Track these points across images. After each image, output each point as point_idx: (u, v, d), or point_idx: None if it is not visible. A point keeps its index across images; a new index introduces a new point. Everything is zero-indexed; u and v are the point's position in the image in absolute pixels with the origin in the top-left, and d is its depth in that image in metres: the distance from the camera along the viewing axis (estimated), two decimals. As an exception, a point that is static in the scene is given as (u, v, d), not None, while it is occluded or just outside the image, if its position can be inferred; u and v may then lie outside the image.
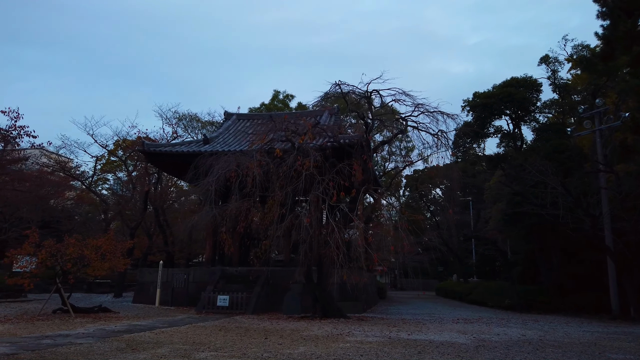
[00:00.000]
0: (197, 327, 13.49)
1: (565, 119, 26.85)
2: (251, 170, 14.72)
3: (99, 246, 15.66)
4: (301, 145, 16.88)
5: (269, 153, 15.68)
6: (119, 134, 34.65)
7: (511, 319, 18.97)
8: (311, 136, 15.94)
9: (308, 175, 14.15)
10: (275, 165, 14.85)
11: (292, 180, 14.37)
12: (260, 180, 14.41)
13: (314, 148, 15.26)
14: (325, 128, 18.98)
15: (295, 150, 15.02)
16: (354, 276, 14.33)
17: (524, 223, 22.63)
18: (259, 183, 14.38)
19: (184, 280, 20.94)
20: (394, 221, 16.41)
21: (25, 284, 14.58)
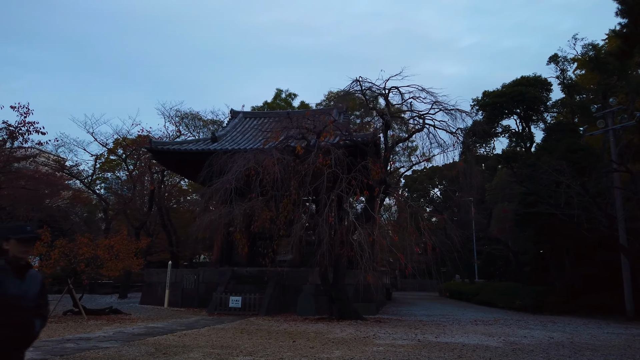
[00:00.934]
0: (217, 329, 13.10)
1: (575, 118, 26.65)
2: (272, 168, 14.32)
3: (111, 246, 15.20)
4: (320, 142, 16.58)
5: (289, 151, 15.31)
6: (119, 132, 34.08)
7: (528, 320, 18.70)
8: (332, 132, 15.57)
9: (330, 173, 13.78)
10: (296, 163, 14.46)
11: (314, 178, 13.99)
12: (281, 178, 14.01)
13: (334, 145, 14.90)
14: (340, 126, 18.65)
15: (315, 148, 14.63)
16: (370, 277, 13.99)
17: (536, 223, 22.39)
18: (280, 181, 13.99)
19: (194, 281, 20.50)
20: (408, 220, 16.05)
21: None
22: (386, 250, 13.61)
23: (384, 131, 16.97)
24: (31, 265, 3.29)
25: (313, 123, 16.58)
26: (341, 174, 13.89)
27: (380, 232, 13.64)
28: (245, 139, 23.57)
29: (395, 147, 17.31)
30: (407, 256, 13.42)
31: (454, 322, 17.26)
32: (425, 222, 14.34)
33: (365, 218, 15.26)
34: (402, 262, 12.81)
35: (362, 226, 13.85)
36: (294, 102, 41.23)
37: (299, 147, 14.62)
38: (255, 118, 27.14)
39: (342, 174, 13.91)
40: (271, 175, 14.11)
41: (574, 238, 23.21)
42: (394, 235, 13.36)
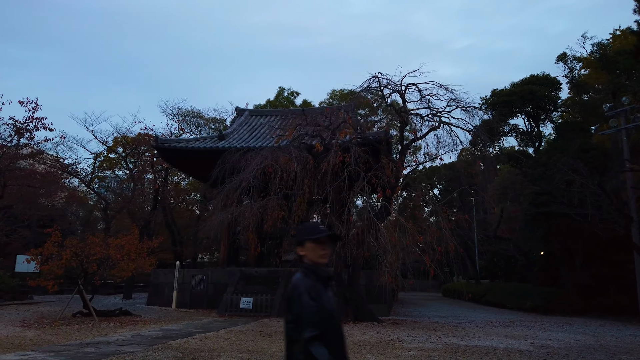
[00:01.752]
0: (235, 332, 12.70)
1: (585, 117, 26.42)
2: (289, 166, 13.94)
3: (122, 246, 14.74)
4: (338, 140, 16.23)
5: (306, 148, 14.94)
6: (119, 130, 33.51)
7: (543, 321, 18.43)
8: (344, 131, 15.20)
9: (352, 171, 13.42)
10: (316, 161, 14.08)
11: (334, 176, 13.62)
12: (301, 176, 13.64)
13: (348, 143, 14.53)
14: (353, 124, 18.30)
15: (333, 146, 14.26)
16: (390, 278, 13.66)
17: (547, 223, 22.15)
18: (300, 179, 13.62)
19: (202, 282, 20.06)
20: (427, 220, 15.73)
21: (49, 286, 13.61)
22: (407, 251, 13.23)
23: (401, 129, 16.64)
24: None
25: (329, 120, 16.20)
26: (362, 172, 13.52)
27: (402, 231, 13.26)
28: (253, 137, 23.16)
29: (411, 144, 16.92)
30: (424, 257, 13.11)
31: (470, 324, 16.96)
32: (446, 222, 13.98)
33: (382, 217, 14.93)
34: (427, 263, 12.46)
35: (378, 226, 13.49)
36: (296, 100, 40.88)
37: (318, 144, 14.23)
38: (262, 116, 26.72)
39: (363, 172, 13.53)
40: (290, 173, 13.73)
41: (585, 238, 23.03)
42: (418, 236, 12.98)
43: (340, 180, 13.54)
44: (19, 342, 9.78)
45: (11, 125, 16.55)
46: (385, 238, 12.63)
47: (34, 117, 16.60)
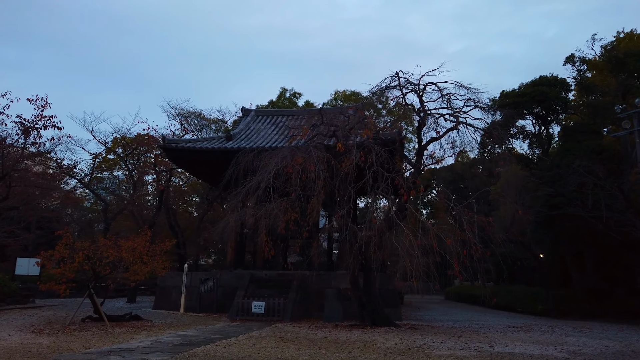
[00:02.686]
0: (255, 338, 12.25)
1: (595, 119, 26.19)
2: (309, 166, 13.53)
3: (133, 248, 14.25)
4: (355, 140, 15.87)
5: (324, 148, 14.54)
6: (119, 130, 32.92)
7: (560, 326, 18.10)
8: (369, 131, 14.81)
9: (375, 172, 13.03)
10: (337, 161, 13.67)
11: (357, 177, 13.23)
12: (323, 177, 13.22)
13: (373, 143, 14.14)
14: (368, 124, 17.91)
15: (354, 146, 13.87)
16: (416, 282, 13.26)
17: (560, 225, 21.88)
18: (323, 180, 13.20)
19: (212, 285, 19.56)
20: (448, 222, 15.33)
21: (60, 290, 13.09)
22: (430, 254, 12.85)
23: (419, 129, 16.26)
24: None
25: (348, 119, 15.81)
26: (386, 173, 13.13)
27: (425, 234, 12.88)
28: (261, 138, 22.74)
29: (428, 145, 16.55)
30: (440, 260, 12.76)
31: (488, 328, 16.61)
32: (469, 224, 13.59)
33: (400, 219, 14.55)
34: (455, 267, 12.08)
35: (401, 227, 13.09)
36: (298, 101, 40.47)
37: (340, 144, 13.82)
38: (269, 116, 26.29)
39: (386, 173, 13.14)
40: (308, 173, 13.31)
41: (596, 241, 22.81)
42: (446, 239, 12.58)
43: (363, 181, 13.13)
44: (37, 350, 9.29)
45: (19, 123, 15.98)
46: (412, 241, 12.20)
47: (42, 115, 16.09)
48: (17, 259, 25.03)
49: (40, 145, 16.87)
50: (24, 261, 25.35)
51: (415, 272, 11.94)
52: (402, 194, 13.25)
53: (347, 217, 14.82)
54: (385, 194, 13.77)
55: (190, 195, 40.93)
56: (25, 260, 25.54)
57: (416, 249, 12.19)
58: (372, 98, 17.55)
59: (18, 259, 25.09)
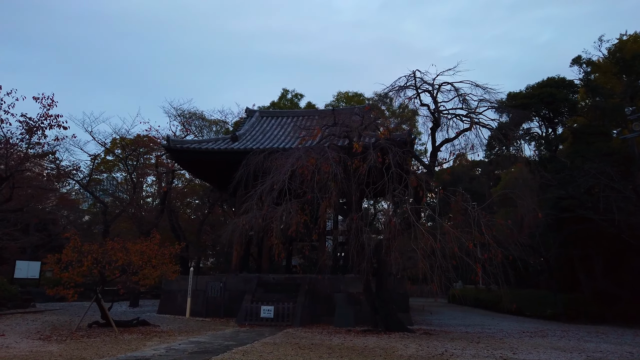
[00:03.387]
0: (270, 344, 11.85)
1: (603, 121, 25.99)
2: (326, 167, 13.17)
3: (142, 251, 13.81)
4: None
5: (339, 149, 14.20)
6: (118, 131, 32.42)
7: (573, 330, 17.82)
8: (386, 131, 14.49)
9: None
10: (353, 162, 13.32)
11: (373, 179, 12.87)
12: (341, 178, 12.86)
13: (390, 143, 13.80)
14: (379, 124, 17.61)
15: (371, 146, 13.52)
16: (435, 286, 12.92)
17: (570, 228, 21.61)
18: (341, 181, 12.84)
19: (219, 289, 19.13)
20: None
21: (69, 295, 12.63)
22: (449, 257, 12.51)
23: (432, 130, 15.92)
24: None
25: (362, 119, 15.47)
26: (404, 174, 12.80)
27: (444, 237, 12.55)
28: (267, 138, 22.37)
29: (442, 146, 16.24)
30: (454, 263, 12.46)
31: (503, 334, 16.28)
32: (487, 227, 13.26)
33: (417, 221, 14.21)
34: (478, 271, 11.75)
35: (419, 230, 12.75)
36: (300, 102, 40.10)
37: (356, 144, 13.47)
38: (273, 117, 25.93)
39: (404, 174, 12.81)
40: (326, 174, 12.96)
41: (605, 244, 22.58)
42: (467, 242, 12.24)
43: (381, 182, 12.78)
44: (48, 358, 8.86)
45: (23, 122, 15.47)
46: (432, 244, 11.87)
47: (48, 114, 15.61)
48: (16, 262, 24.53)
49: (44, 145, 16.44)
50: (24, 264, 24.87)
51: (436, 276, 11.60)
52: (421, 196, 12.92)
53: (359, 220, 14.50)
54: (405, 195, 13.46)
55: (189, 198, 40.46)
56: (25, 263, 25.06)
57: (437, 252, 11.85)
58: (384, 98, 17.19)
59: (17, 262, 24.61)
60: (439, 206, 13.19)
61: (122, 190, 41.96)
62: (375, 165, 12.95)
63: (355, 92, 38.44)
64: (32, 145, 16.03)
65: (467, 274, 12.24)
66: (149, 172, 35.58)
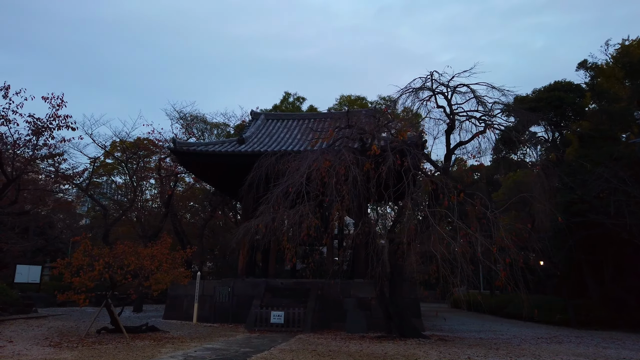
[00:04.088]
0: (287, 351, 11.52)
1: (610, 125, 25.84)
2: (341, 170, 12.90)
3: (153, 255, 13.45)
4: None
5: (361, 152, 13.92)
6: (118, 134, 32.00)
7: (586, 336, 17.58)
8: (405, 134, 14.24)
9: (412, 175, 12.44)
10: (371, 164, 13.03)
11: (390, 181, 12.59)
12: (360, 180, 12.57)
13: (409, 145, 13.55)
14: (391, 127, 17.34)
15: (388, 149, 13.26)
16: (456, 292, 12.67)
17: (580, 233, 21.38)
18: (360, 183, 12.55)
19: (227, 294, 18.76)
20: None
21: (80, 301, 12.23)
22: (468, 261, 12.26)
23: (447, 132, 15.67)
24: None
25: (377, 121, 15.21)
26: (424, 176, 12.55)
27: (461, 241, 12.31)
28: (274, 141, 22.06)
29: (456, 149, 16.01)
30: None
31: (518, 340, 16.02)
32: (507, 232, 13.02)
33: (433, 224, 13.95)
34: (502, 277, 11.51)
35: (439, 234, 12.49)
36: (302, 105, 39.79)
37: (375, 146, 13.20)
38: (279, 120, 25.64)
39: (425, 177, 12.56)
40: (341, 177, 12.67)
41: (615, 249, 22.39)
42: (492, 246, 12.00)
43: (400, 185, 12.51)
44: (65, 367, 8.51)
45: (31, 123, 15.01)
46: (454, 249, 11.61)
47: (57, 114, 15.18)
48: (16, 266, 24.07)
49: (51, 147, 16.01)
50: (24, 268, 24.42)
51: (460, 281, 11.34)
52: (441, 199, 12.65)
53: (373, 226, 14.23)
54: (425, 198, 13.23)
55: (190, 202, 40.06)
56: (25, 267, 24.62)
57: (459, 256, 11.60)
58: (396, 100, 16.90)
59: (18, 266, 24.14)
60: (457, 210, 12.96)
61: (121, 193, 41.50)
62: (395, 167, 12.68)
63: (357, 96, 38.25)
64: (39, 147, 15.66)
65: (474, 278, 11.98)
66: (149, 176, 35.18)
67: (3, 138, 15.24)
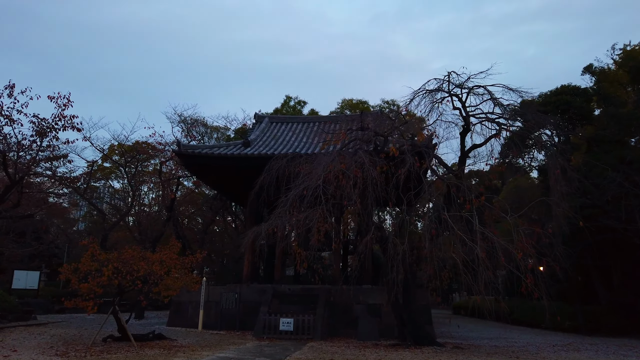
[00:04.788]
0: (305, 360, 11.10)
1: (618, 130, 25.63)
2: (357, 172, 12.52)
3: (162, 260, 12.98)
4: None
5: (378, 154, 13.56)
6: (117, 137, 31.45)
7: (602, 344, 17.28)
8: (423, 136, 13.90)
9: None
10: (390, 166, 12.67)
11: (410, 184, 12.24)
12: (380, 183, 12.19)
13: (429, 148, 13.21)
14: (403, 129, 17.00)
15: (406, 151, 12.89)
16: (479, 299, 12.35)
17: (591, 238, 21.08)
18: (379, 186, 12.16)
19: (234, 300, 18.27)
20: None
21: (88, 307, 11.72)
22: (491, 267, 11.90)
23: (462, 135, 15.35)
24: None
25: (392, 124, 14.86)
26: (446, 179, 12.20)
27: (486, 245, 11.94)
28: (279, 144, 21.64)
29: (470, 152, 15.72)
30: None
31: (535, 347, 15.71)
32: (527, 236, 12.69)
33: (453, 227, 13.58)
34: (528, 282, 11.17)
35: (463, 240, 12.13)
36: (303, 109, 39.44)
37: (394, 148, 12.82)
38: (283, 123, 25.24)
39: (446, 179, 12.21)
40: (358, 179, 12.30)
41: (625, 254, 22.14)
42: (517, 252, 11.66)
43: (419, 188, 12.15)
44: (78, 378, 8.03)
45: (36, 124, 14.44)
46: (478, 254, 11.24)
47: (63, 114, 14.65)
48: (14, 271, 23.45)
49: (54, 149, 15.46)
50: (22, 274, 23.83)
51: (484, 288, 10.98)
52: (462, 202, 12.30)
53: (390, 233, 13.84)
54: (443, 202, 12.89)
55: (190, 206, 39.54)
56: (23, 273, 24.02)
57: (486, 262, 11.24)
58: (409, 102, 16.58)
59: (15, 271, 23.52)
60: (475, 214, 12.62)
61: (118, 197, 40.90)
62: (414, 169, 12.32)
63: (359, 100, 37.94)
64: (43, 149, 15.14)
65: (497, 284, 11.65)
66: (148, 180, 34.68)
67: (7, 139, 14.74)
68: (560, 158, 14.58)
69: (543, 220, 21.59)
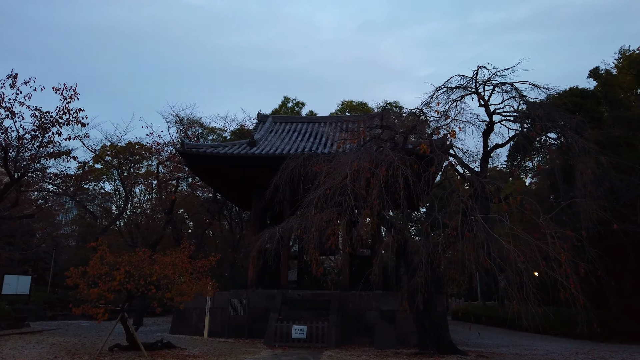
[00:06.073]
0: (333, 371, 10.33)
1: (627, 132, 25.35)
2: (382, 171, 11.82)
3: (175, 264, 12.12)
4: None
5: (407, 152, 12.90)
6: (110, 137, 30.35)
7: (621, 351, 16.85)
8: (453, 134, 13.28)
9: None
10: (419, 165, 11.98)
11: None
12: (413, 182, 11.48)
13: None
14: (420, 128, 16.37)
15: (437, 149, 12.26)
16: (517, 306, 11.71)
17: (607, 243, 20.64)
18: (412, 186, 11.46)
19: (242, 307, 17.41)
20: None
21: (99, 315, 10.81)
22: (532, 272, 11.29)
23: (485, 134, 14.74)
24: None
25: (412, 122, 14.20)
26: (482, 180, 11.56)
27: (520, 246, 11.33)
28: (287, 144, 20.90)
29: (492, 152, 15.14)
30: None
31: (557, 356, 15.16)
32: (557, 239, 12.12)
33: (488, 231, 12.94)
34: (572, 287, 10.56)
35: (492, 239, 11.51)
36: (302, 111, 38.71)
37: (424, 145, 12.13)
38: (287, 123, 24.49)
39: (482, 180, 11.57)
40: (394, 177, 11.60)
41: (637, 259, 21.78)
42: (558, 254, 11.07)
43: (451, 190, 11.49)
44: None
45: (37, 117, 13.43)
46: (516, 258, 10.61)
47: (68, 108, 13.66)
48: (4, 276, 22.27)
49: (56, 144, 14.47)
50: (12, 279, 22.66)
51: (526, 293, 10.36)
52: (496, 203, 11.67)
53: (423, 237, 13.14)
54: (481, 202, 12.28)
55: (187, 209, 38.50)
56: (14, 277, 22.86)
57: (522, 266, 10.61)
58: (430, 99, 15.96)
59: (6, 276, 22.35)
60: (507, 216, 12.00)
61: (109, 200, 39.73)
62: (439, 168, 11.68)
63: (359, 102, 37.31)
64: (45, 144, 14.14)
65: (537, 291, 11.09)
66: (142, 182, 33.68)
67: (8, 133, 13.74)
68: (587, 158, 14.03)
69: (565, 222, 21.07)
